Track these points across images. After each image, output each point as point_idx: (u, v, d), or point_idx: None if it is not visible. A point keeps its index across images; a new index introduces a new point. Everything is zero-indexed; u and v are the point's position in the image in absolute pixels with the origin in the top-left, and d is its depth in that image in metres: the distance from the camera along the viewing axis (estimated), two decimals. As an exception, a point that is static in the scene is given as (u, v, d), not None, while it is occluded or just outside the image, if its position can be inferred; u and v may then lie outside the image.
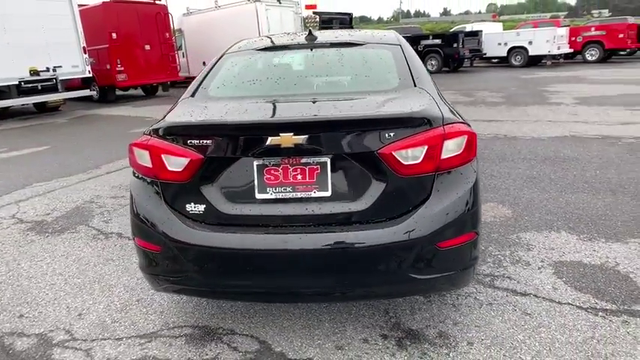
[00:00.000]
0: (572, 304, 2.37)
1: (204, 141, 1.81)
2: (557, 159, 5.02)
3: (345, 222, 1.82)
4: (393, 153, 1.76)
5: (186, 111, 2.03)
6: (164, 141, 1.89)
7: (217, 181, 1.87)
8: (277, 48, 2.66)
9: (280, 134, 1.74)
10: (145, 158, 1.94)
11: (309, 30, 2.73)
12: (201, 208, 1.88)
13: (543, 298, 2.44)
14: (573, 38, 18.46)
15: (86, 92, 11.63)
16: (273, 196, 1.85)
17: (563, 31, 17.91)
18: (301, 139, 1.74)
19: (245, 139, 1.80)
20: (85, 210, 4.27)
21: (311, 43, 2.64)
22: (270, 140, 1.76)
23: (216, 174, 1.86)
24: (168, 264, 1.94)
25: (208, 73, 2.47)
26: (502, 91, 11.12)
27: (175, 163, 1.86)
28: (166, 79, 14.09)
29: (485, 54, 19.31)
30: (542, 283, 2.58)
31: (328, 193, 1.83)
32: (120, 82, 12.67)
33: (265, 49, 2.66)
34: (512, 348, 2.07)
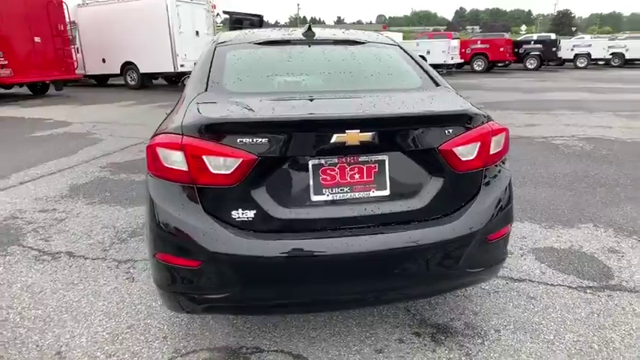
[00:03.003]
0: (563, 285, 2.63)
1: (259, 139, 1.63)
2: (491, 157, 5.53)
3: (405, 221, 1.79)
4: (453, 149, 1.77)
5: (218, 106, 1.81)
6: (205, 140, 1.65)
7: (268, 183, 1.70)
8: (279, 43, 2.51)
9: (347, 131, 1.64)
10: (176, 160, 1.68)
11: (309, 25, 2.63)
12: (251, 214, 1.68)
13: (538, 282, 2.66)
14: (463, 50, 20.60)
15: (-39, 89, 9.79)
16: (330, 198, 1.74)
17: (456, 43, 19.90)
18: (367, 136, 1.67)
19: (306, 137, 1.67)
20: (10, 227, 3.58)
21: (312, 40, 2.55)
22: (336, 137, 1.65)
23: (268, 176, 1.69)
24: (209, 280, 1.71)
25: (210, 66, 2.22)
26: (415, 96, 11.91)
27: (222, 165, 1.64)
28: (61, 77, 12.46)
29: (389, 61, 20.55)
30: (531, 269, 2.81)
31: (386, 192, 1.78)
32: (4, 78, 10.89)
33: (266, 43, 2.50)
34: (534, 330, 2.22)
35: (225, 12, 16.80)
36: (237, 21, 17.04)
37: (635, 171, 4.82)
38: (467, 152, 1.81)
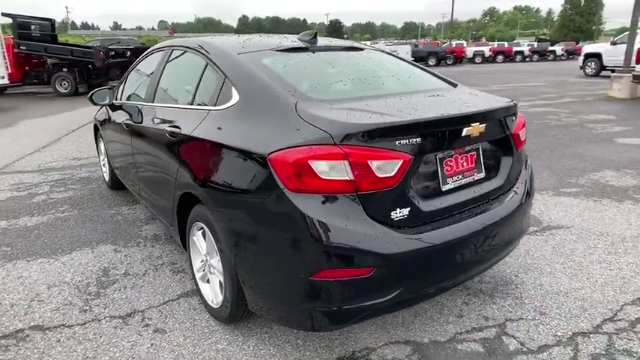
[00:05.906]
0: (521, 234, 3.41)
1: (412, 139, 1.73)
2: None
3: (496, 196, 2.14)
4: (518, 132, 2.22)
5: (345, 113, 1.78)
6: (368, 146, 1.65)
7: (413, 180, 1.81)
8: (296, 50, 2.51)
9: (472, 125, 1.89)
10: (335, 170, 1.63)
11: (315, 33, 2.68)
12: (406, 211, 1.77)
13: (505, 235, 3.38)
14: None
15: None
16: (452, 186, 1.96)
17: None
18: (483, 127, 1.95)
19: (443, 133, 1.84)
20: None
21: (327, 47, 2.65)
22: (466, 131, 1.88)
23: (414, 173, 1.80)
24: (377, 285, 1.72)
25: (267, 75, 2.09)
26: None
27: (385, 168, 1.68)
28: None
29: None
30: (491, 227, 3.53)
31: (483, 175, 2.10)
32: None
33: (285, 50, 2.46)
34: (535, 268, 2.89)
35: (5, 14, 13.72)
36: (24, 25, 14.22)
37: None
38: (522, 134, 2.28)
